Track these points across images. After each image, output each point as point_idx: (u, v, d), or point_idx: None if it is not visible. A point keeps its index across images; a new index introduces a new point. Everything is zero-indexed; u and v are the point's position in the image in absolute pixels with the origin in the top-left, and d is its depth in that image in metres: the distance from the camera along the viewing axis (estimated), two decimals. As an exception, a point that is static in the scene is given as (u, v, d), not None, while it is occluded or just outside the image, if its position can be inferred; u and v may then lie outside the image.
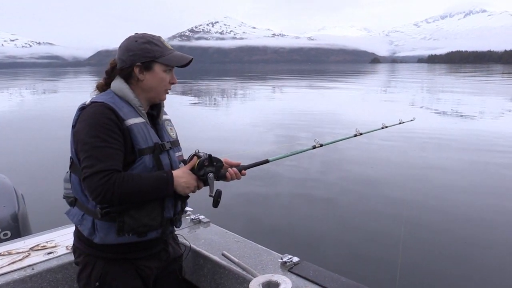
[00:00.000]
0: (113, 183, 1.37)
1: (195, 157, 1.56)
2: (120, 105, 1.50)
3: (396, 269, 3.94)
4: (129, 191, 1.40)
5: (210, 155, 1.56)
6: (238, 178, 1.67)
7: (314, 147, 1.96)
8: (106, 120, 1.43)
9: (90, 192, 1.40)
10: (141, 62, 1.53)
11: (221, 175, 1.61)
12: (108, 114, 1.45)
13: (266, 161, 1.79)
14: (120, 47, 1.58)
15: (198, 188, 1.58)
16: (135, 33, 1.61)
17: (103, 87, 1.61)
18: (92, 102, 1.49)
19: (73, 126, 1.50)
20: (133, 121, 1.50)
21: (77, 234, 1.60)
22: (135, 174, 1.45)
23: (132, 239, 1.51)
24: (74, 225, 1.60)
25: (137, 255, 1.58)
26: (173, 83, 1.62)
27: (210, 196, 1.55)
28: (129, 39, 1.58)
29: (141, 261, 1.60)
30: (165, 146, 1.58)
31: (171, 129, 1.71)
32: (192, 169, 1.55)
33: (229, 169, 1.64)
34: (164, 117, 1.71)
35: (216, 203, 1.56)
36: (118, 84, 1.56)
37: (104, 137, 1.41)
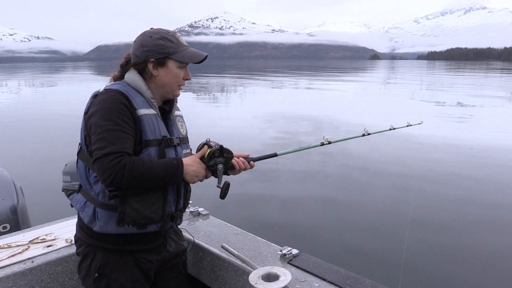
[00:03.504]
0: (124, 165, 1.37)
1: (206, 146, 1.57)
2: (134, 94, 1.51)
3: (394, 261, 3.97)
4: (139, 175, 1.40)
5: (221, 146, 1.55)
6: (247, 168, 1.66)
7: (322, 144, 1.94)
8: (119, 105, 1.44)
9: (100, 173, 1.40)
10: (155, 58, 1.54)
11: (229, 167, 1.60)
12: (122, 99, 1.46)
13: (275, 155, 1.78)
14: (134, 41, 1.59)
15: (206, 177, 1.58)
16: (150, 28, 1.61)
17: (118, 79, 1.62)
18: (106, 90, 1.51)
19: (86, 113, 1.51)
20: (144, 111, 1.51)
21: (79, 224, 1.60)
22: (146, 158, 1.46)
23: (132, 230, 1.51)
24: (74, 217, 1.59)
25: (136, 247, 1.58)
26: (187, 79, 1.62)
27: (218, 187, 1.55)
28: (144, 34, 1.58)
29: (141, 254, 1.59)
30: (173, 141, 1.58)
31: (181, 125, 1.71)
32: (202, 158, 1.55)
33: (236, 159, 1.62)
34: (176, 112, 1.71)
35: (224, 195, 1.56)
36: (131, 76, 1.57)
37: (117, 121, 1.42)
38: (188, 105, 16.92)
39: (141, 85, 1.55)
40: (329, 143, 1.94)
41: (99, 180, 1.45)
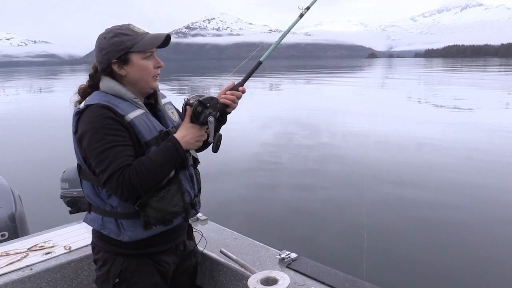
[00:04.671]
0: (129, 178, 1.36)
1: (188, 106, 1.48)
2: (116, 102, 1.46)
3: (396, 263, 3.97)
4: (146, 177, 1.38)
5: (199, 100, 1.46)
6: (239, 96, 1.55)
7: (301, 15, 1.73)
8: (106, 120, 1.41)
9: (114, 194, 1.42)
10: (116, 58, 1.47)
11: (221, 109, 1.51)
12: (107, 113, 1.41)
13: (259, 63, 1.63)
14: (94, 49, 1.52)
15: (207, 133, 1.53)
16: (105, 29, 1.53)
17: (86, 91, 1.55)
18: (87, 106, 1.46)
19: (74, 133, 1.48)
20: (133, 114, 1.46)
21: (96, 233, 1.58)
22: (143, 157, 1.43)
23: (160, 230, 1.51)
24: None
25: (157, 249, 1.57)
26: (159, 67, 1.54)
27: (209, 142, 1.49)
28: (99, 38, 1.51)
29: (160, 256, 1.59)
30: (171, 132, 1.53)
31: (172, 112, 1.65)
32: (192, 120, 1.48)
33: (223, 95, 1.53)
34: (163, 100, 1.66)
35: (216, 148, 1.50)
36: (106, 83, 1.51)
37: (109, 138, 1.39)
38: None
39: (119, 89, 1.49)
40: (308, 8, 1.73)
41: (111, 194, 1.45)
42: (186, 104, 1.48)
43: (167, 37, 1.50)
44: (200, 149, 1.67)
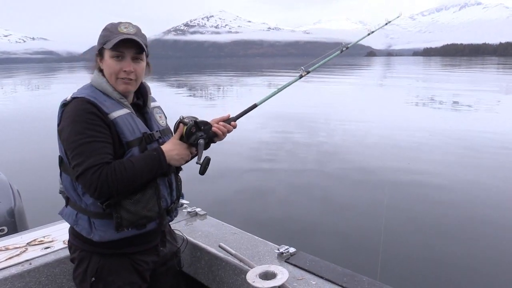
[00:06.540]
0: (106, 176, 1.35)
1: (181, 124, 1.50)
2: (102, 99, 1.46)
3: (392, 256, 3.99)
4: (124, 180, 1.38)
5: (195, 121, 1.50)
6: (230, 130, 1.60)
7: (301, 76, 1.86)
8: (88, 115, 1.40)
9: (86, 189, 1.39)
10: (97, 51, 1.51)
11: (211, 136, 1.54)
12: (90, 108, 1.41)
13: (254, 106, 1.70)
14: None
15: (192, 154, 1.55)
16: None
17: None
18: (73, 98, 1.46)
19: (58, 124, 1.47)
20: (117, 113, 1.46)
21: (72, 231, 1.57)
22: (125, 160, 1.42)
23: (132, 233, 1.49)
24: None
25: (133, 249, 1.55)
26: (125, 71, 1.48)
27: (197, 163, 1.51)
28: None
29: (138, 255, 1.57)
30: (154, 136, 1.53)
31: (160, 116, 1.65)
32: (182, 138, 1.50)
33: (216, 125, 1.56)
34: (153, 104, 1.65)
35: (204, 170, 1.51)
36: (96, 78, 1.52)
37: (89, 133, 1.38)
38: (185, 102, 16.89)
39: (106, 88, 1.49)
40: (308, 72, 1.88)
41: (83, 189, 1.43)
42: (180, 121, 1.50)
43: (130, 40, 1.46)
44: None
